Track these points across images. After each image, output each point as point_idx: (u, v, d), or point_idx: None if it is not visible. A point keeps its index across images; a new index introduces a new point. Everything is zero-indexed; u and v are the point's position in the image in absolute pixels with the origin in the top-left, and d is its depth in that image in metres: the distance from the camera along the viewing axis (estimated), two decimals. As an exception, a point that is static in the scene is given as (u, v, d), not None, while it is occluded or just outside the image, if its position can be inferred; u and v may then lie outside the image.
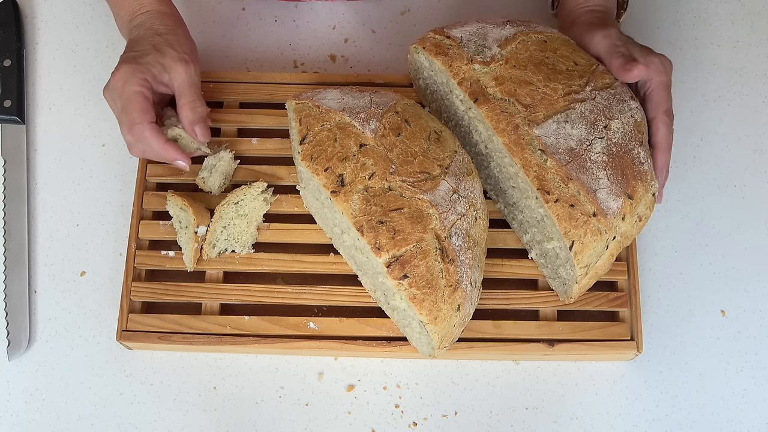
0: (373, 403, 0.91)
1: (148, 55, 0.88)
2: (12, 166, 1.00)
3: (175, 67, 0.88)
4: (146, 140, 0.86)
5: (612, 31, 0.86)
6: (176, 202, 0.91)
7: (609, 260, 0.84)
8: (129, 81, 0.86)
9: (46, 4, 1.09)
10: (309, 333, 0.89)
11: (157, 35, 0.90)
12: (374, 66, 1.05)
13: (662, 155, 0.85)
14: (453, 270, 0.79)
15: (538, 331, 0.89)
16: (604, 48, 0.85)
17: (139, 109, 0.86)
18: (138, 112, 0.86)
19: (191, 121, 0.89)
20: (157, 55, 0.88)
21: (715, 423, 0.90)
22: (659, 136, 0.85)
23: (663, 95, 0.84)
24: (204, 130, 0.90)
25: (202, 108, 0.90)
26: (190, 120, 0.89)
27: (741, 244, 0.97)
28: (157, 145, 0.87)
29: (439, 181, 0.81)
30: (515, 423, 0.90)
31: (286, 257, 0.92)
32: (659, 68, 0.84)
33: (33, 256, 0.97)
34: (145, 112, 0.86)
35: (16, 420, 0.91)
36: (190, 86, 0.89)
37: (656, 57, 0.85)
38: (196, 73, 0.90)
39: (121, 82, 0.86)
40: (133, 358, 0.93)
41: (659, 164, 0.85)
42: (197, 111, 0.89)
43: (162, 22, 0.91)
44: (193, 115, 0.89)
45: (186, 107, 0.89)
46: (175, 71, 0.88)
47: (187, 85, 0.89)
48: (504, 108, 0.82)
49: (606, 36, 0.85)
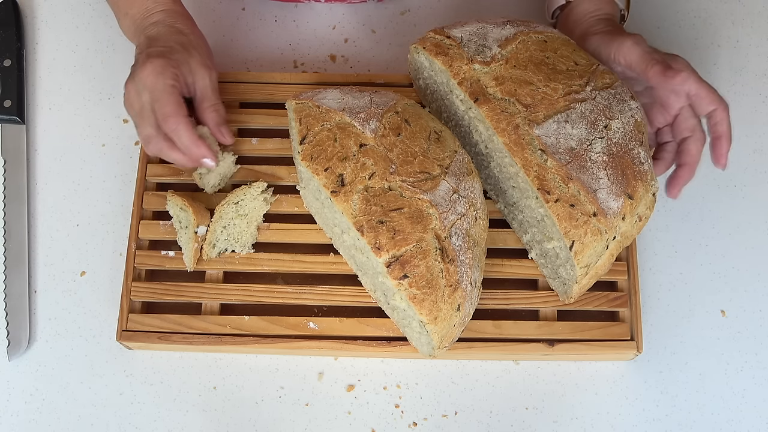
0: (373, 403, 0.91)
1: (177, 53, 0.88)
2: (12, 166, 1.00)
3: (200, 70, 0.89)
4: (179, 134, 0.86)
5: (639, 38, 0.86)
6: (176, 202, 0.91)
7: (609, 260, 0.84)
8: (162, 74, 0.86)
9: (46, 4, 1.09)
10: (309, 333, 0.89)
11: (180, 34, 0.90)
12: (374, 66, 1.05)
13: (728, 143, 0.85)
14: (453, 270, 0.79)
15: (538, 331, 0.89)
16: (637, 55, 0.85)
17: (175, 101, 0.86)
18: (173, 105, 0.86)
19: (217, 122, 0.91)
20: (185, 54, 0.89)
21: (715, 423, 0.90)
22: (726, 124, 0.84)
23: (707, 87, 0.84)
24: (229, 131, 0.92)
25: (224, 111, 0.92)
26: (216, 121, 0.91)
27: (741, 244, 0.97)
28: (191, 139, 0.87)
29: (439, 181, 0.81)
30: (515, 423, 0.90)
31: (286, 257, 0.92)
32: (688, 66, 0.85)
33: (33, 256, 0.97)
34: (180, 105, 0.86)
35: (16, 420, 0.91)
36: (214, 90, 0.91)
37: (678, 57, 0.85)
38: (216, 78, 0.92)
39: (153, 76, 0.86)
40: (133, 358, 0.93)
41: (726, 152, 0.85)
42: (221, 113, 0.91)
43: (183, 22, 0.92)
44: (218, 117, 0.91)
45: (211, 109, 0.91)
46: (199, 74, 0.90)
47: (211, 89, 0.91)
48: (504, 108, 0.82)
49: (635, 44, 0.85)
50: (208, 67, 0.90)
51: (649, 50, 0.85)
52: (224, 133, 0.91)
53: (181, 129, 0.86)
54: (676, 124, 0.87)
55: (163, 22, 0.91)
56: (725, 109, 0.84)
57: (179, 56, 0.88)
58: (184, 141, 0.86)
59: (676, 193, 0.86)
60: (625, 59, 0.86)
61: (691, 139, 0.86)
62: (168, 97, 0.86)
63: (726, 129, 0.85)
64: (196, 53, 0.90)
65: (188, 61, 0.89)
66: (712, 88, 0.84)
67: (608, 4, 0.92)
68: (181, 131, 0.86)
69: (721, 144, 0.85)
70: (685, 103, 0.85)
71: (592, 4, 0.92)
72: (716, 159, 0.85)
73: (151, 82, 0.86)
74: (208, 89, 0.91)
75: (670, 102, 0.86)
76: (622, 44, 0.86)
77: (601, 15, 0.92)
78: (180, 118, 0.86)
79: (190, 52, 0.89)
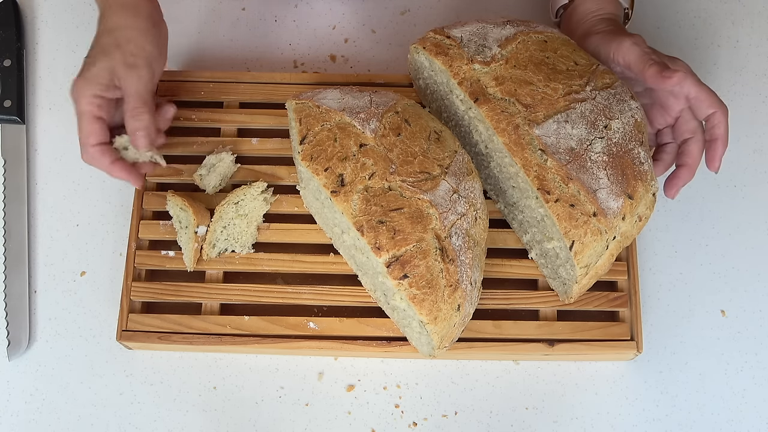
0: (373, 403, 0.91)
1: (95, 65, 0.84)
2: (12, 166, 1.00)
3: (122, 71, 0.84)
4: (94, 163, 0.85)
5: (638, 38, 0.86)
6: (176, 202, 0.91)
7: (609, 260, 0.84)
8: (78, 100, 0.84)
9: (46, 4, 1.09)
10: (309, 333, 0.89)
11: (107, 34, 0.86)
12: (374, 66, 1.05)
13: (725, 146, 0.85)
14: (453, 270, 0.79)
15: (538, 331, 0.89)
16: (635, 56, 0.85)
17: (86, 130, 0.84)
18: (84, 133, 0.84)
19: (132, 128, 0.85)
20: (104, 60, 0.84)
21: (715, 423, 0.90)
22: (724, 128, 0.84)
23: (706, 90, 0.84)
24: (143, 140, 0.85)
25: (144, 115, 0.85)
26: (131, 128, 0.85)
27: (741, 244, 0.97)
28: (104, 166, 0.85)
29: (439, 181, 0.81)
30: (515, 423, 0.90)
31: (286, 257, 0.92)
32: (687, 68, 0.85)
33: (33, 256, 0.97)
34: (90, 134, 0.84)
35: (16, 420, 0.91)
36: (133, 94, 0.85)
37: (678, 60, 0.85)
38: (145, 76, 0.85)
39: (75, 97, 0.84)
40: (133, 358, 0.93)
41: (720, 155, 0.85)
42: (138, 119, 0.85)
43: (120, 16, 0.86)
44: (133, 122, 0.85)
45: (126, 114, 0.86)
46: (122, 76, 0.85)
47: (131, 92, 0.85)
48: (504, 108, 0.82)
49: (634, 44, 0.85)
50: (130, 66, 0.84)
51: (647, 51, 0.85)
52: (138, 140, 0.85)
53: (92, 159, 0.85)
54: (678, 125, 0.87)
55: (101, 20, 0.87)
56: (724, 113, 0.84)
57: (96, 68, 0.84)
58: (102, 168, 0.86)
59: (674, 194, 0.86)
60: (624, 59, 0.86)
61: (693, 140, 0.86)
62: (81, 124, 0.84)
63: (723, 132, 0.85)
64: (117, 52, 0.84)
65: (108, 65, 0.84)
66: (711, 91, 0.84)
67: (610, 4, 0.92)
68: (93, 161, 0.85)
69: (716, 147, 0.85)
70: (684, 105, 0.85)
71: (594, 3, 0.92)
72: (710, 161, 0.85)
73: (75, 103, 0.84)
74: (128, 94, 0.85)
75: (670, 104, 0.86)
76: (621, 44, 0.86)
77: (603, 14, 0.92)
78: (88, 147, 0.84)
79: (109, 54, 0.84)
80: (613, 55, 0.87)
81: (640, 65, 0.84)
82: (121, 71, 0.84)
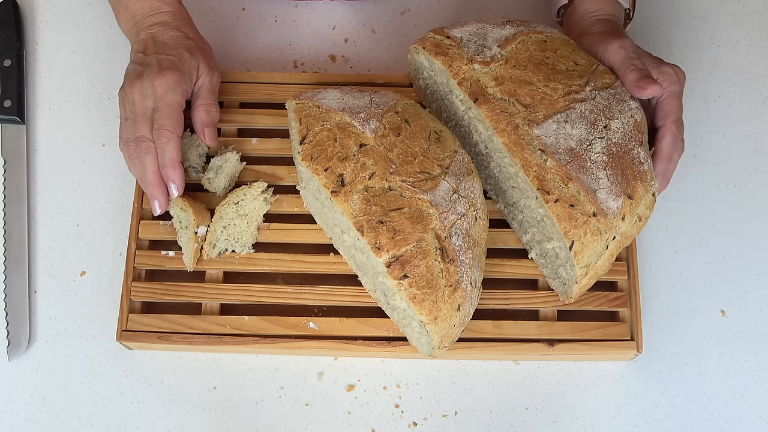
0: (373, 403, 0.91)
1: (187, 61, 0.90)
2: (12, 166, 1.00)
3: (205, 69, 0.91)
4: (167, 149, 0.87)
5: (626, 42, 0.86)
6: (176, 202, 0.91)
7: (609, 260, 0.84)
8: (174, 90, 0.87)
9: (46, 4, 1.09)
10: (309, 333, 0.89)
11: (188, 39, 0.92)
12: (374, 66, 1.05)
13: (661, 163, 0.85)
14: (453, 270, 0.79)
15: (538, 331, 0.89)
16: (619, 59, 0.85)
17: (176, 119, 0.87)
18: (173, 122, 0.87)
19: (204, 122, 0.91)
20: (192, 60, 0.90)
21: (715, 423, 0.90)
22: (663, 144, 0.85)
23: (674, 104, 0.85)
24: (213, 134, 0.92)
25: (216, 113, 0.92)
26: (203, 121, 0.91)
27: (741, 244, 0.97)
28: (172, 159, 0.87)
29: (439, 181, 0.81)
30: (515, 423, 0.90)
31: (286, 257, 0.92)
32: (672, 77, 0.84)
33: (33, 256, 0.97)
34: (178, 124, 0.88)
35: (16, 420, 0.91)
36: (210, 91, 0.92)
37: (670, 67, 0.85)
38: (218, 81, 0.93)
39: (164, 89, 0.87)
40: (133, 358, 0.93)
41: (657, 171, 0.85)
42: (211, 115, 0.92)
43: (187, 26, 0.93)
44: (207, 117, 0.91)
45: (201, 108, 0.91)
46: (201, 76, 0.91)
47: (208, 89, 0.92)
48: (504, 108, 0.82)
49: (621, 47, 0.85)
50: (211, 69, 0.92)
51: (632, 56, 0.85)
52: (207, 134, 0.91)
53: (171, 145, 0.87)
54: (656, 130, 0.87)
55: (169, 24, 0.92)
56: (672, 131, 0.84)
57: (189, 64, 0.90)
58: (167, 156, 0.87)
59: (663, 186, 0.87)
60: (609, 62, 0.86)
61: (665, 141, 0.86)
62: (171, 113, 0.87)
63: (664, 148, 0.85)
64: (202, 57, 0.91)
65: (197, 66, 0.90)
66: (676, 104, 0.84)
67: (609, 4, 0.92)
68: (170, 147, 0.87)
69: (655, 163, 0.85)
70: None
71: (593, 3, 0.92)
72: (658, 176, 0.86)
73: (161, 94, 0.87)
74: (205, 89, 0.91)
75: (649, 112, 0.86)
76: (608, 46, 0.86)
77: (601, 15, 0.92)
78: (175, 136, 0.87)
79: (197, 57, 0.91)
80: (600, 56, 0.87)
81: (622, 69, 0.85)
82: (204, 69, 0.91)
